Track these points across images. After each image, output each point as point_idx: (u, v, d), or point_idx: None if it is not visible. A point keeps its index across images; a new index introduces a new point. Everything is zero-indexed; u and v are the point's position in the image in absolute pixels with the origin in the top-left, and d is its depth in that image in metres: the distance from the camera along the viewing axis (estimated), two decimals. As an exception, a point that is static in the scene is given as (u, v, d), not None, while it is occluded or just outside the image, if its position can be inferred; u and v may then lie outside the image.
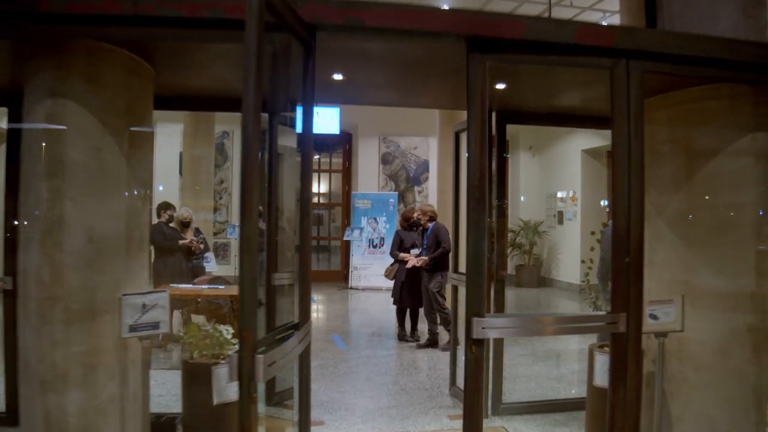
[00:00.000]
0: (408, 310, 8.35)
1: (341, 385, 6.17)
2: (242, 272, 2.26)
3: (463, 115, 7.33)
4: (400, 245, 8.30)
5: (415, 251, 8.09)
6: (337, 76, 4.20)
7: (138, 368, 3.72)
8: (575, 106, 4.96)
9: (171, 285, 7.32)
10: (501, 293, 5.12)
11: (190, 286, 7.28)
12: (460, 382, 5.78)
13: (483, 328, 3.04)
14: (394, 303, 8.34)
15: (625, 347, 3.33)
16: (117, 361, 3.55)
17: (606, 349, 4.40)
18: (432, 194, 14.01)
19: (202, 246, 8.09)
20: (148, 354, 3.72)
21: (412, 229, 8.33)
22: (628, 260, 3.30)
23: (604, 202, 13.64)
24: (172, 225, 8.17)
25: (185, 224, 8.17)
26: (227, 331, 4.10)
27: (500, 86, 4.35)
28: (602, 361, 4.26)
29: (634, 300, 3.32)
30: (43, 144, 3.32)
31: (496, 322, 3.18)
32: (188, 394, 4.14)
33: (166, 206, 8.06)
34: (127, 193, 3.63)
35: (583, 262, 6.62)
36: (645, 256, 3.42)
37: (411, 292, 8.10)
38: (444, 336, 7.71)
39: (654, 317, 3.84)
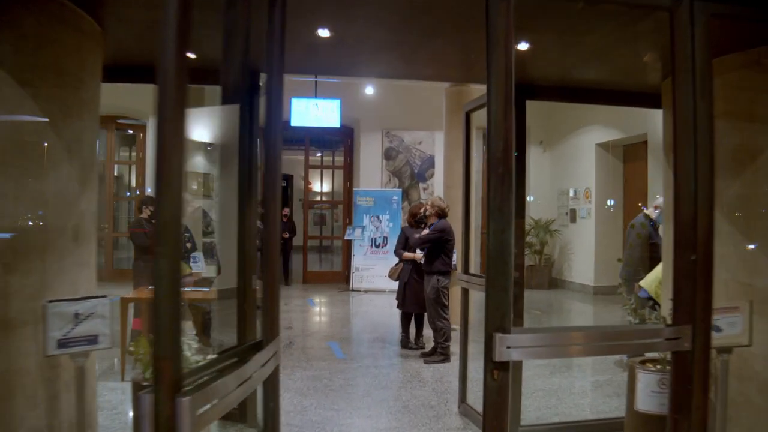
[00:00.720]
0: (413, 314, 7.57)
1: (336, 401, 5.39)
2: (158, 274, 1.51)
3: (475, 94, 6.53)
4: (405, 244, 7.52)
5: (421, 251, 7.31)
6: (323, 32, 3.42)
7: (73, 392, 2.98)
8: (613, 77, 4.19)
9: (150, 287, 6.59)
10: (520, 299, 4.35)
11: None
12: (471, 398, 5.02)
13: (508, 347, 2.27)
14: (398, 306, 7.58)
15: (690, 369, 2.55)
16: (43, 385, 2.81)
17: (649, 365, 3.64)
18: (438, 191, 13.21)
19: (188, 245, 7.31)
20: (83, 375, 2.96)
21: (419, 226, 7.54)
22: (695, 258, 2.53)
23: (610, 202, 12.86)
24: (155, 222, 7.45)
25: None
26: (189, 346, 3.33)
27: (521, 47, 3.58)
28: (647, 381, 3.49)
29: (702, 309, 2.55)
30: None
31: (525, 339, 2.40)
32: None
33: (148, 201, 7.32)
34: (56, 174, 2.88)
35: (619, 260, 5.82)
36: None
37: (415, 294, 7.34)
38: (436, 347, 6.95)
39: (717, 329, 3.07)
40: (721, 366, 3.24)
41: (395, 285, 7.74)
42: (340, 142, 15.28)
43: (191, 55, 1.60)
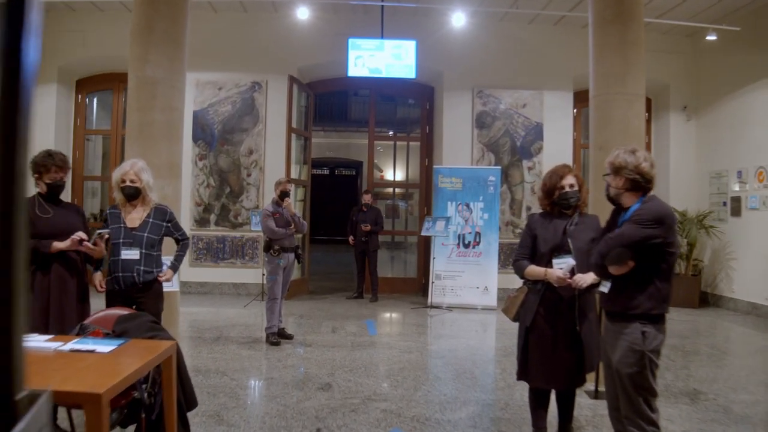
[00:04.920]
0: (555, 391, 3.66)
1: None
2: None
3: None
4: (533, 248, 3.60)
5: (562, 261, 3.38)
6: None
7: None
8: None
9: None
10: None
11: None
12: None
13: None
14: (519, 375, 3.66)
15: None
16: None
17: None
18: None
19: (103, 245, 3.70)
20: None
21: (561, 213, 3.61)
22: None
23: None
24: (70, 202, 3.90)
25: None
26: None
27: None
28: None
29: None
30: None
31: None
32: None
33: (42, 163, 3.73)
34: None
35: None
36: None
37: (546, 353, 3.43)
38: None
39: None
40: None
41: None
42: (414, 116, 11.41)
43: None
